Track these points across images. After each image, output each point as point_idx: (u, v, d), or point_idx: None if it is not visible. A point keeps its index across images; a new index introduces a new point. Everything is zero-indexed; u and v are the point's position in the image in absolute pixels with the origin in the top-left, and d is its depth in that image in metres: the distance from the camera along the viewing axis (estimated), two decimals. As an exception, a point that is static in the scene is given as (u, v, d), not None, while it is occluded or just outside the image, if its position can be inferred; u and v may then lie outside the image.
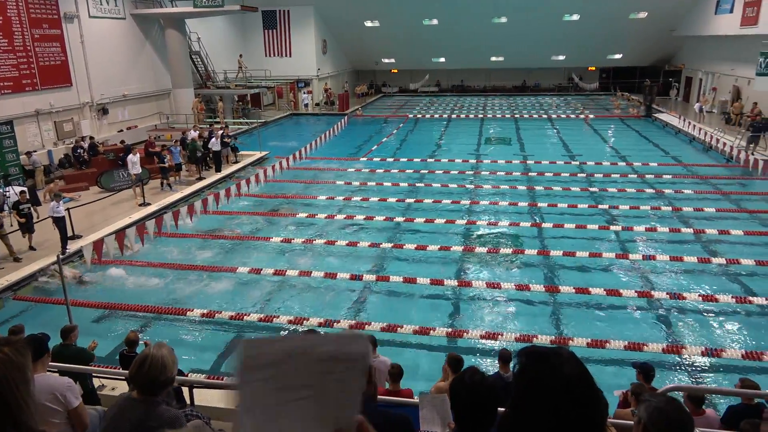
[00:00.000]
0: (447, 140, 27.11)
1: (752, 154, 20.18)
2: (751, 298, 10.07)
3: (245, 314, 9.85)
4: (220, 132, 21.18)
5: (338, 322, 9.44)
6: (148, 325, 9.88)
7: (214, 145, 19.89)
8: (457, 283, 10.98)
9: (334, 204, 16.44)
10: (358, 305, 10.48)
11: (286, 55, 37.37)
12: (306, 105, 36.52)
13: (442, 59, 42.03)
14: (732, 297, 10.07)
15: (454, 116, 34.14)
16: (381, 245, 13.00)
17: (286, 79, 36.48)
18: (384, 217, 14.91)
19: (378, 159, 22.35)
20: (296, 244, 13.18)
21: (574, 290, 10.34)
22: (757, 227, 13.81)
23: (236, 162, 21.85)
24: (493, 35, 37.29)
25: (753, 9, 25.19)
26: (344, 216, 15.18)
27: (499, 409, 2.22)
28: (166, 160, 17.55)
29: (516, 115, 33.49)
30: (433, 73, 44.79)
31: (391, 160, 22.25)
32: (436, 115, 34.54)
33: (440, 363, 6.40)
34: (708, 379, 8.19)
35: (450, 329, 9.31)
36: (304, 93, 36.66)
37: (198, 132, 20.97)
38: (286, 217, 15.25)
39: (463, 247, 12.88)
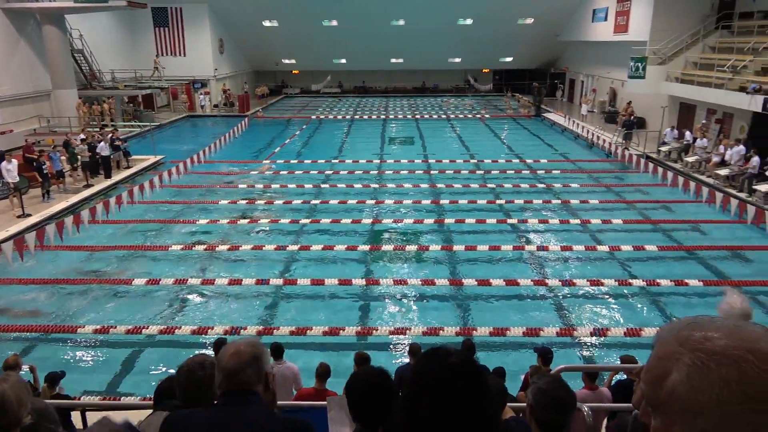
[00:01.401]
0: (351, 141, 27.25)
1: (627, 149, 22.14)
2: (630, 280, 11.05)
3: (143, 327, 9.30)
4: (109, 135, 19.83)
5: (245, 328, 9.19)
6: (33, 347, 9.04)
7: (103, 149, 18.58)
8: (365, 282, 11.07)
9: (236, 208, 15.96)
10: (265, 310, 10.25)
11: (180, 55, 35.74)
12: (203, 106, 35.14)
13: (343, 60, 42.19)
14: (615, 281, 10.99)
15: (357, 117, 34.37)
16: (287, 248, 12.81)
17: (180, 79, 34.87)
18: (289, 220, 14.70)
19: (282, 161, 22.00)
20: (198, 251, 12.64)
21: (476, 282, 10.78)
22: (635, 216, 15.17)
23: (128, 167, 20.56)
24: (392, 37, 37.99)
25: (624, 18, 27.70)
26: (248, 220, 14.79)
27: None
28: (44, 167, 16.09)
29: (417, 116, 34.34)
30: (335, 74, 44.83)
31: (295, 161, 21.98)
32: (339, 116, 34.60)
33: (348, 362, 6.43)
34: (596, 356, 8.88)
35: (360, 328, 9.37)
36: (201, 94, 35.26)
37: (85, 136, 19.48)
38: (186, 224, 14.57)
39: (369, 246, 13.00)
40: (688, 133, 20.85)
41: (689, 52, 24.24)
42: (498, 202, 16.33)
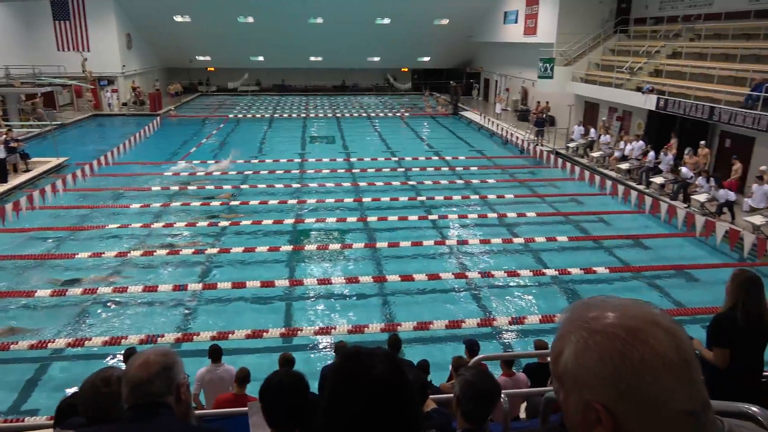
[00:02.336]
0: (270, 140, 26.75)
1: (539, 146, 23.27)
2: (544, 270, 11.63)
3: (50, 341, 8.67)
4: (3, 137, 18.27)
5: (162, 336, 8.79)
6: None
7: (-3, 151, 17.10)
8: (288, 283, 10.92)
9: (150, 211, 15.22)
10: (184, 317, 9.87)
11: (83, 50, 33.49)
12: (111, 105, 33.18)
13: (261, 58, 41.29)
14: (530, 271, 11.53)
15: (276, 115, 33.79)
16: (205, 251, 12.39)
17: (85, 76, 32.71)
18: (207, 222, 14.23)
19: (198, 161, 21.22)
20: (108, 258, 11.92)
21: (399, 278, 10.94)
22: (547, 209, 15.98)
23: (27, 170, 19.05)
24: (310, 35, 37.63)
25: (532, 21, 29.06)
26: (163, 224, 14.15)
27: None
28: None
29: (338, 114, 34.28)
30: (252, 72, 43.76)
31: (212, 162, 21.27)
32: (258, 115, 33.86)
33: (275, 365, 6.32)
34: (515, 344, 9.28)
35: (284, 329, 9.23)
36: (108, 92, 33.27)
37: (-27, 137, 17.82)
38: (94, 230, 13.71)
39: (292, 246, 12.84)
40: (592, 130, 22.22)
41: (592, 54, 25.85)
42: (419, 198, 16.65)
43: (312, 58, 41.46)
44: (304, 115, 33.86)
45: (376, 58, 42.12)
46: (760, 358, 4.04)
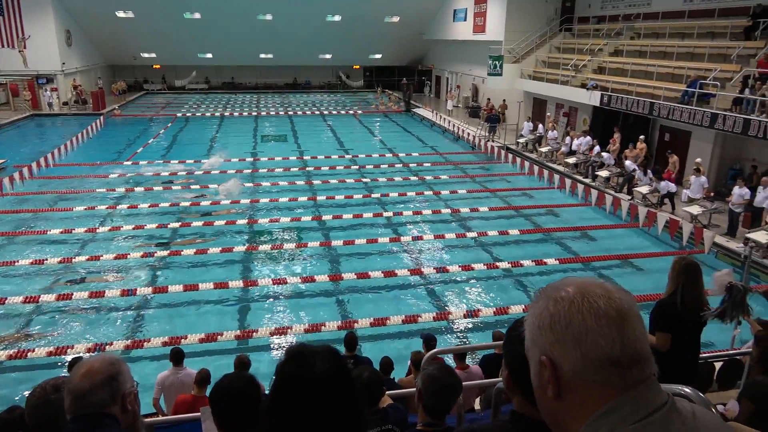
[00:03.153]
0: (221, 139, 26.20)
1: (490, 141, 23.71)
2: (497, 263, 11.88)
3: (-13, 354, 8.23)
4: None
5: (110, 344, 8.50)
6: None
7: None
8: (242, 284, 10.75)
9: (95, 215, 14.65)
10: (134, 322, 9.56)
11: (20, 38, 31.77)
12: (50, 104, 31.72)
13: (209, 55, 40.33)
14: (484, 264, 11.75)
15: (227, 114, 33.13)
16: (155, 254, 12.03)
17: (22, 74, 31.14)
18: (156, 224, 13.80)
19: (145, 162, 20.57)
20: (51, 265, 11.41)
21: (355, 276, 10.94)
22: (499, 203, 16.31)
23: (-41, 174, 17.99)
24: (260, 32, 37.03)
25: (481, 19, 29.54)
26: (109, 228, 13.65)
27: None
28: None
29: (290, 112, 33.90)
30: (200, 70, 42.71)
31: (160, 162, 20.67)
32: (208, 113, 33.12)
33: (231, 369, 6.21)
34: (470, 336, 9.44)
35: (239, 332, 9.08)
36: (47, 91, 31.78)
37: None
38: (35, 235, 13.09)
39: (246, 246, 12.63)
40: (541, 126, 22.81)
41: (539, 52, 26.53)
42: (373, 195, 16.68)
43: (262, 56, 40.83)
44: (255, 114, 33.34)
45: (328, 56, 41.88)
46: (697, 342, 4.26)
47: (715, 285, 5.32)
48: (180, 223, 13.94)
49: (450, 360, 6.50)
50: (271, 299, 10.44)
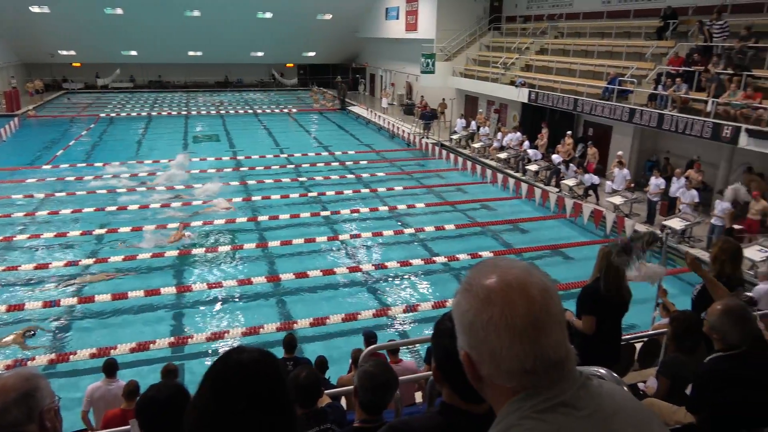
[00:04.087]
0: (150, 140, 25.19)
1: (425, 138, 24.07)
2: (434, 258, 12.09)
3: None
4: None
5: (33, 359, 8.01)
6: None
7: None
8: (175, 290, 10.39)
9: (11, 222, 13.73)
10: (59, 334, 9.04)
11: None
12: (-43, 105, 29.39)
13: (134, 52, 38.60)
14: (421, 260, 11.92)
15: (154, 113, 31.88)
16: (79, 262, 11.42)
17: None
18: (81, 231, 13.08)
19: (66, 165, 19.46)
20: (-39, 278, 10.61)
21: (293, 276, 10.82)
22: (435, 199, 16.60)
23: None
24: (187, 29, 35.79)
25: (413, 17, 29.88)
26: (28, 235, 12.83)
27: None
28: None
29: (222, 111, 33.05)
30: (125, 68, 40.81)
31: (83, 165, 19.62)
32: (134, 113, 31.75)
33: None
34: (410, 331, 9.56)
35: (172, 339, 8.78)
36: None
37: None
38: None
39: (178, 251, 12.20)
40: (473, 122, 23.37)
41: (469, 50, 27.15)
42: (310, 194, 16.55)
43: (191, 53, 39.53)
44: (185, 113, 32.28)
45: (260, 53, 41.10)
46: (619, 325, 4.52)
47: (638, 272, 5.63)
48: (106, 230, 13.28)
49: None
50: (207, 304, 10.15)
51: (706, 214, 12.81)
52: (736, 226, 11.37)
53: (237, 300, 10.29)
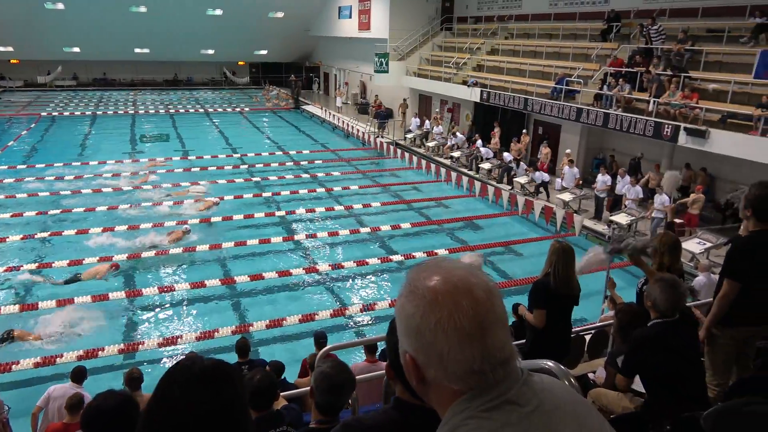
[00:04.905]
0: (94, 140, 24.26)
1: (380, 138, 24.13)
2: (391, 256, 12.15)
3: None
4: None
5: (-30, 372, 7.59)
6: None
7: None
8: (125, 295, 10.05)
9: (-56, 228, 12.98)
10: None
11: None
12: None
13: (76, 49, 37.02)
14: (378, 258, 11.97)
15: (99, 112, 30.73)
16: (20, 267, 10.90)
17: None
18: (21, 236, 12.48)
19: (5, 167, 18.52)
20: None
21: (248, 278, 10.66)
22: (390, 198, 16.67)
23: None
24: (134, 25, 34.60)
25: (366, 16, 29.88)
26: (-37, 241, 12.15)
27: None
28: None
29: (171, 110, 32.17)
30: (67, 65, 39.07)
31: (23, 166, 18.73)
32: (78, 112, 30.50)
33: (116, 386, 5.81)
34: (368, 330, 9.58)
35: (122, 345, 8.49)
36: None
37: None
38: None
39: (127, 255, 11.80)
40: (427, 121, 23.59)
41: (422, 50, 27.38)
42: (264, 194, 16.33)
43: (137, 50, 38.26)
44: (132, 112, 31.26)
45: (210, 51, 40.19)
46: (569, 318, 4.67)
47: (586, 263, 5.86)
48: (49, 233, 12.72)
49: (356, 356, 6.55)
50: (159, 308, 9.88)
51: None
52: (677, 220, 11.94)
53: (190, 304, 10.06)
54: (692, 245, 10.92)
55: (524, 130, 18.94)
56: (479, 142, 19.40)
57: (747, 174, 12.23)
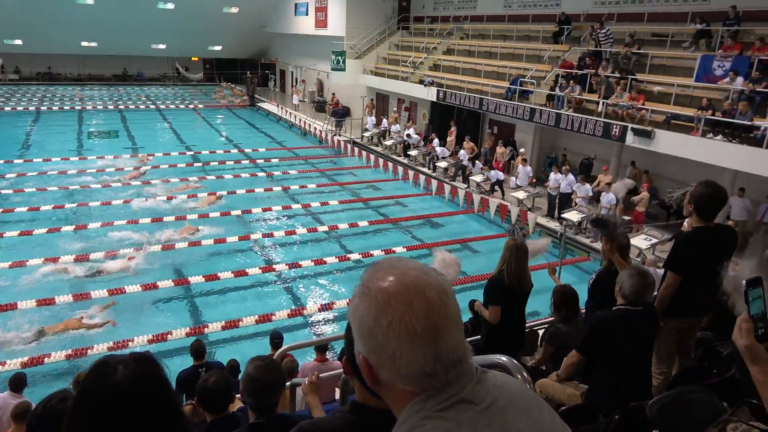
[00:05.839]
0: (38, 137, 23.22)
1: (337, 136, 24.04)
2: (348, 255, 12.13)
3: None
4: None
5: None
6: None
7: None
8: (71, 298, 9.66)
9: None
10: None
11: None
12: None
13: (18, 41, 35.27)
14: (336, 257, 11.93)
15: (44, 108, 29.43)
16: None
17: None
18: (-42, 237, 11.85)
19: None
20: None
21: (203, 279, 10.45)
22: (348, 197, 16.64)
23: None
24: (80, 18, 33.23)
25: (323, 14, 29.69)
26: None
27: None
28: None
29: (121, 106, 31.13)
30: (9, 58, 37.19)
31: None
32: (20, 108, 29.13)
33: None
34: (326, 329, 9.55)
35: (70, 351, 8.14)
36: None
37: None
38: None
39: (74, 256, 11.35)
40: (384, 120, 23.65)
41: (379, 49, 27.42)
42: (219, 193, 16.01)
43: (84, 44, 36.76)
44: (79, 107, 30.08)
45: (162, 46, 39.03)
46: (523, 313, 4.78)
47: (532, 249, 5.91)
48: (-11, 234, 12.11)
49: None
50: (111, 311, 9.54)
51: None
52: (625, 218, 12.38)
53: (142, 305, 9.77)
54: (639, 241, 11.35)
55: (488, 131, 19.25)
56: (436, 141, 19.59)
57: (689, 173, 12.80)
